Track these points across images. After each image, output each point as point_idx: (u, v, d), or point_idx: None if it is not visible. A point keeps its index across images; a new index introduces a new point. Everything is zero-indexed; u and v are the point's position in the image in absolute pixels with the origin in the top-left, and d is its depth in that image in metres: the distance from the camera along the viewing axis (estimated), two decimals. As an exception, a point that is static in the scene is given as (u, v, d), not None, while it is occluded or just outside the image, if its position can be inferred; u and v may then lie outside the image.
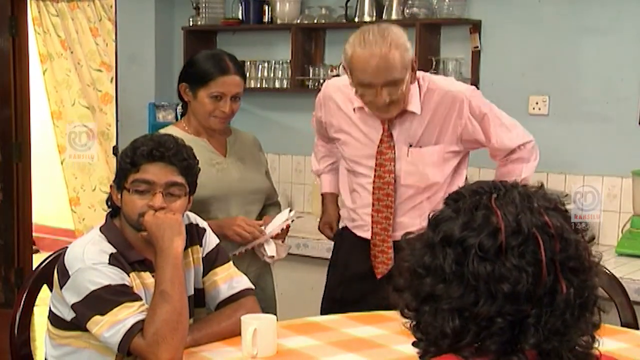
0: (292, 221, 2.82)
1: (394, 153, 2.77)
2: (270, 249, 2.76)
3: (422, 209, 2.78)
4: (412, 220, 2.79)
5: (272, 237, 2.76)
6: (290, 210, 2.83)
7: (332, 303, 2.93)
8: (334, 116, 2.89)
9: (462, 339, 1.22)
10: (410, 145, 2.76)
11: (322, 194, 3.19)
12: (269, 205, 2.93)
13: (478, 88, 3.92)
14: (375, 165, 2.80)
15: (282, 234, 2.81)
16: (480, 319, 1.20)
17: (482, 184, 1.30)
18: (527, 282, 1.19)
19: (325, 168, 3.13)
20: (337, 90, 2.89)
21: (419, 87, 2.74)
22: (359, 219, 2.89)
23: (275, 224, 2.75)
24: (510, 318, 1.20)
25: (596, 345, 1.27)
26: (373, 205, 2.82)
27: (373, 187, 2.82)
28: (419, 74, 2.77)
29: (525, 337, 1.20)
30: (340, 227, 3.06)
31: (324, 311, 2.89)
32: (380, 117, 2.75)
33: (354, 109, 2.82)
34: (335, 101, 2.88)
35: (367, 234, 2.86)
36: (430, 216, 1.30)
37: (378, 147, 2.79)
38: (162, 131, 2.66)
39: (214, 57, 2.76)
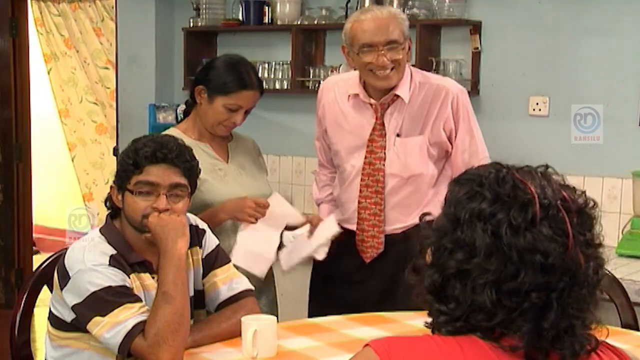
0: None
1: (385, 141, 2.81)
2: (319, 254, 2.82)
3: (408, 205, 2.82)
4: (399, 215, 2.81)
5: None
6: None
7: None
8: (329, 110, 2.92)
9: (495, 315, 1.21)
10: (398, 135, 2.81)
11: None
12: None
13: (478, 89, 3.96)
14: (366, 152, 2.83)
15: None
16: (518, 293, 1.20)
17: (494, 163, 1.30)
18: (558, 253, 1.20)
19: (326, 197, 3.07)
20: (335, 84, 2.95)
21: (411, 78, 2.80)
22: (346, 212, 2.91)
23: (324, 234, 2.79)
24: (543, 293, 1.20)
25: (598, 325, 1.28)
26: (360, 196, 2.84)
27: (362, 175, 2.83)
28: (413, 69, 2.85)
29: (546, 315, 1.21)
30: None
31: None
32: (380, 86, 2.76)
33: (348, 97, 2.84)
34: (332, 94, 2.92)
35: (353, 226, 2.88)
36: (448, 196, 1.29)
37: (370, 135, 2.82)
38: (164, 134, 2.65)
39: (237, 68, 2.73)
